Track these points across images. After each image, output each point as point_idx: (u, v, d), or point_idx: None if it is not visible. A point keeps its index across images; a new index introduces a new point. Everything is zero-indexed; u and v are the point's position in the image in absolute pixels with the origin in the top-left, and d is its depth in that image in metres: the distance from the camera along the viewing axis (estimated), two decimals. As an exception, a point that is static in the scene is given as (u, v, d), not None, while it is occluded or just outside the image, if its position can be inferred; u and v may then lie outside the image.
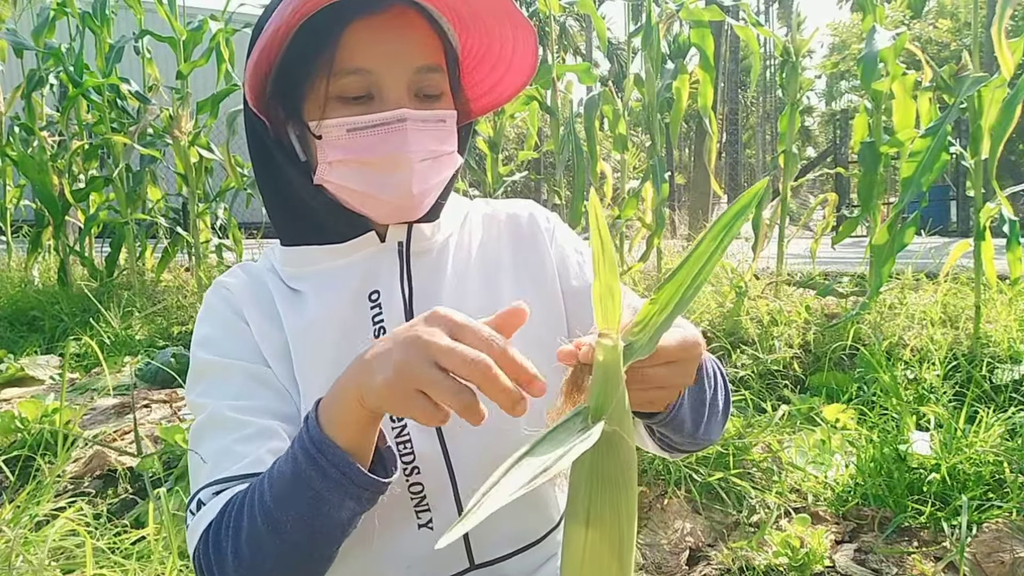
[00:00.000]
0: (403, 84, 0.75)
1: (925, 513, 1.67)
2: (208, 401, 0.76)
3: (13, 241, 5.71)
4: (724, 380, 0.79)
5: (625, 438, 0.50)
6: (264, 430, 0.73)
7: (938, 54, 19.76)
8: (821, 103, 38.27)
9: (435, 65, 0.77)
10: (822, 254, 4.38)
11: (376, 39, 0.74)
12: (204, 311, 0.83)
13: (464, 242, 0.87)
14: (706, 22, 3.80)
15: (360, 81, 0.74)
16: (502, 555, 0.82)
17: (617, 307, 0.51)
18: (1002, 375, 2.30)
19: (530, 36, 0.78)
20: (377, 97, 0.75)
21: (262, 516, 0.63)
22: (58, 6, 5.05)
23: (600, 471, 0.49)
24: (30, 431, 2.12)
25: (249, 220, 6.23)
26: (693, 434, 0.73)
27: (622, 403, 0.50)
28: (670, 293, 0.52)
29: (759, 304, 3.07)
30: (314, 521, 0.62)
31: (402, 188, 0.76)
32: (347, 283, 0.81)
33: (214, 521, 0.68)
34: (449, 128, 0.79)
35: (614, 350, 0.50)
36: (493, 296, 0.84)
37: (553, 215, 0.93)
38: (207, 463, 0.72)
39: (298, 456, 0.62)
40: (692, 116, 4.46)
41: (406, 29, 0.76)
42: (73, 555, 1.41)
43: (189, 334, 3.71)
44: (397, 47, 0.75)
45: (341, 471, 0.61)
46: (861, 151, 3.17)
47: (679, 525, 1.74)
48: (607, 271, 0.50)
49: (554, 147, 4.31)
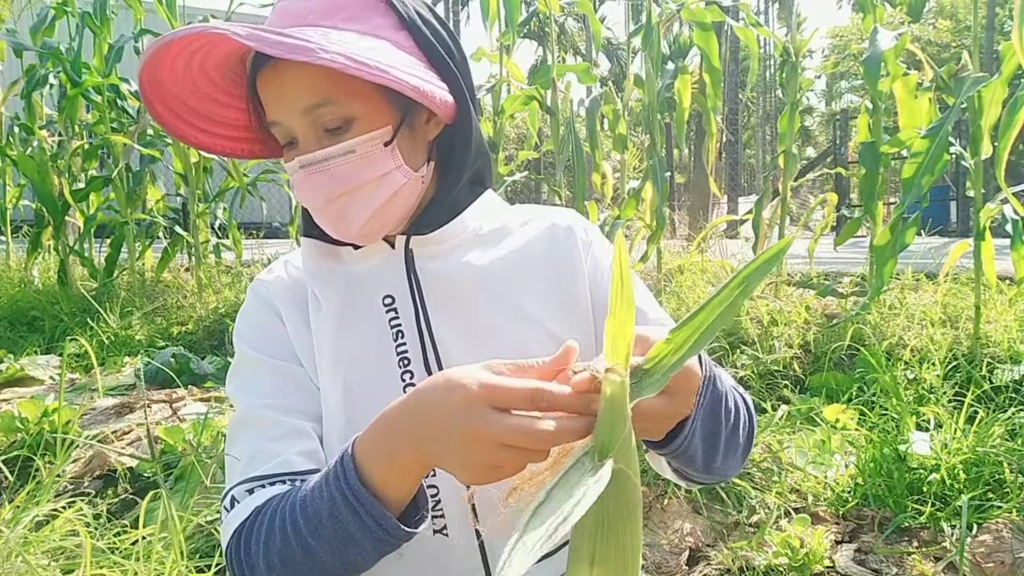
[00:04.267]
0: (303, 127, 0.76)
1: (925, 513, 1.67)
2: (243, 397, 0.79)
3: (13, 241, 5.71)
4: (749, 415, 0.77)
5: (631, 476, 0.49)
6: (294, 430, 0.76)
7: (938, 55, 19.76)
8: (821, 103, 38.27)
9: (321, 100, 0.74)
10: (822, 254, 4.38)
11: (269, 92, 0.77)
12: (244, 306, 0.86)
13: (495, 244, 0.86)
14: (710, 24, 3.79)
15: (280, 131, 0.79)
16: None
17: (627, 344, 0.50)
18: (1002, 375, 2.30)
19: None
20: (295, 142, 0.78)
21: (296, 539, 0.66)
22: (58, 6, 5.05)
23: (606, 511, 0.49)
24: (30, 431, 2.12)
25: (249, 220, 6.23)
26: (706, 468, 0.73)
27: (629, 440, 0.50)
28: (686, 335, 0.52)
29: (759, 304, 3.07)
30: (345, 555, 0.65)
31: (328, 226, 0.79)
32: (361, 287, 0.82)
33: (247, 523, 0.71)
34: (362, 155, 0.75)
35: (622, 386, 0.50)
36: (519, 299, 0.83)
37: (592, 226, 0.92)
38: (241, 460, 0.76)
39: (336, 498, 0.63)
40: (692, 116, 4.45)
41: (284, 73, 0.75)
42: (73, 555, 1.41)
43: (189, 334, 3.71)
44: (281, 95, 0.76)
45: (378, 523, 0.62)
46: (862, 151, 3.17)
47: (679, 525, 1.74)
48: (623, 308, 0.50)
49: (554, 147, 4.31)
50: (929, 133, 2.61)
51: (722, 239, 4.73)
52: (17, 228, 5.72)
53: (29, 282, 4.92)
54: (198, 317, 3.88)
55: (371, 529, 0.62)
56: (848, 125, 10.80)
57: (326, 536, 0.64)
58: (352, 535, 0.63)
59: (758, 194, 4.08)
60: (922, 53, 2.99)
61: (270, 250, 5.41)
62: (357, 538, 0.63)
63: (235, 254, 5.21)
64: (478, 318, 0.81)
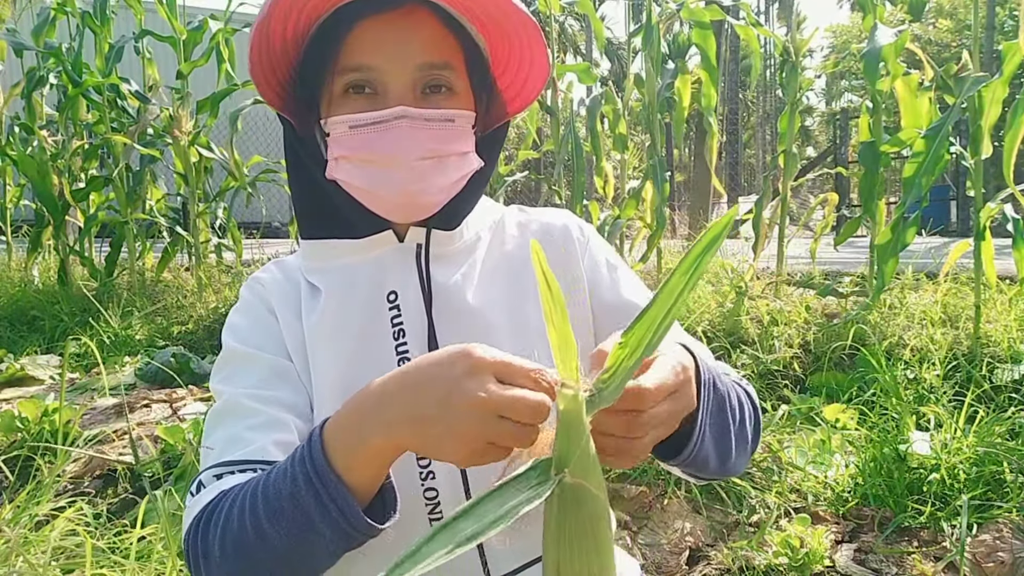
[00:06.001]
0: (406, 81, 0.75)
1: (925, 513, 1.67)
2: (227, 388, 0.77)
3: (13, 241, 5.71)
4: (754, 407, 0.77)
5: (591, 490, 0.49)
6: (274, 420, 0.74)
7: (938, 55, 19.76)
8: (821, 103, 38.28)
9: (442, 62, 0.77)
10: (822, 254, 4.38)
11: (380, 37, 0.75)
12: (238, 303, 0.86)
13: (494, 248, 0.86)
14: (708, 23, 3.79)
15: (361, 77, 0.75)
16: (518, 567, 0.81)
17: (574, 355, 0.49)
18: (1002, 375, 2.29)
19: (536, 32, 0.78)
20: (381, 93, 0.76)
21: (252, 523, 0.62)
22: (58, 6, 5.05)
23: (567, 527, 0.48)
24: (30, 431, 2.12)
25: (249, 220, 6.23)
26: (719, 468, 0.73)
27: (587, 454, 0.49)
28: (640, 335, 0.51)
29: (759, 304, 3.07)
30: (302, 543, 0.62)
31: (399, 186, 0.76)
32: (363, 280, 0.81)
33: (207, 507, 0.68)
34: (459, 128, 0.78)
35: (575, 399, 0.49)
36: (519, 303, 0.82)
37: (588, 226, 0.92)
38: (216, 448, 0.73)
39: (298, 479, 0.61)
40: (692, 116, 4.46)
41: (413, 27, 0.75)
42: (73, 555, 1.41)
43: (189, 334, 3.71)
44: (401, 44, 0.75)
45: (340, 510, 0.60)
46: (861, 151, 3.17)
47: (679, 525, 1.74)
48: (560, 319, 0.49)
49: (554, 147, 4.31)
50: (929, 133, 2.61)
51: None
52: (17, 228, 5.72)
53: (29, 282, 4.92)
54: (198, 317, 3.88)
55: (332, 515, 0.59)
56: (848, 125, 10.79)
57: (284, 520, 0.61)
58: (312, 520, 0.60)
59: (758, 194, 4.08)
60: (922, 52, 2.99)
61: (270, 250, 5.40)
62: (316, 523, 0.60)
63: (235, 254, 5.21)
64: (484, 329, 0.80)
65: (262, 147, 8.68)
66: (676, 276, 0.50)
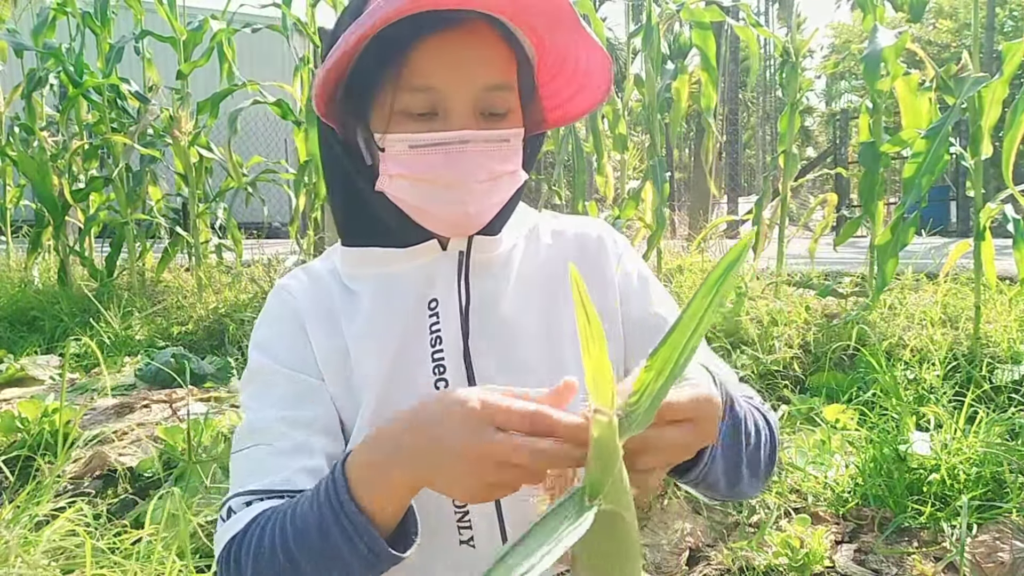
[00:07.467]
0: (469, 103, 0.74)
1: (925, 513, 1.67)
2: (254, 405, 0.78)
3: (13, 241, 5.71)
4: (771, 432, 0.76)
5: (623, 516, 0.49)
6: (300, 446, 0.75)
7: (938, 55, 19.76)
8: (821, 103, 38.27)
9: (504, 83, 0.76)
10: (821, 254, 4.38)
11: (445, 56, 0.73)
12: (264, 314, 0.84)
13: (529, 255, 0.86)
14: (708, 23, 3.80)
15: (426, 99, 0.73)
16: None
17: (609, 382, 0.49)
18: (1002, 375, 2.30)
19: (604, 59, 0.77)
20: (441, 115, 0.74)
21: (283, 551, 0.65)
22: (58, 6, 5.05)
23: (600, 553, 0.49)
24: (30, 431, 2.12)
25: (249, 220, 6.23)
26: (728, 491, 0.73)
27: (620, 480, 0.49)
28: (665, 357, 0.50)
29: (759, 304, 3.07)
30: (330, 572, 0.65)
31: (459, 208, 0.75)
32: (406, 288, 0.80)
33: (239, 535, 0.70)
34: (513, 147, 0.77)
35: (609, 427, 0.49)
36: (553, 313, 0.82)
37: (622, 238, 0.91)
38: (243, 471, 0.75)
39: (326, 516, 0.63)
40: (692, 116, 4.47)
41: (477, 46, 0.74)
42: (73, 555, 1.41)
43: (189, 334, 3.71)
44: (466, 65, 0.73)
45: (367, 545, 0.62)
46: (861, 151, 3.17)
47: (679, 525, 1.74)
48: (596, 347, 0.48)
49: (554, 147, 4.31)
50: (929, 133, 2.61)
51: (722, 239, 4.74)
52: (17, 228, 5.72)
53: (29, 282, 4.92)
54: (198, 317, 3.88)
55: (360, 552, 0.62)
56: (848, 125, 10.79)
57: (313, 552, 0.64)
58: (340, 554, 0.63)
59: (758, 194, 4.09)
60: (923, 52, 2.99)
61: (270, 250, 5.40)
62: (344, 556, 0.63)
63: (235, 254, 5.21)
64: (522, 324, 0.81)
65: (262, 147, 8.67)
66: (697, 300, 0.49)
